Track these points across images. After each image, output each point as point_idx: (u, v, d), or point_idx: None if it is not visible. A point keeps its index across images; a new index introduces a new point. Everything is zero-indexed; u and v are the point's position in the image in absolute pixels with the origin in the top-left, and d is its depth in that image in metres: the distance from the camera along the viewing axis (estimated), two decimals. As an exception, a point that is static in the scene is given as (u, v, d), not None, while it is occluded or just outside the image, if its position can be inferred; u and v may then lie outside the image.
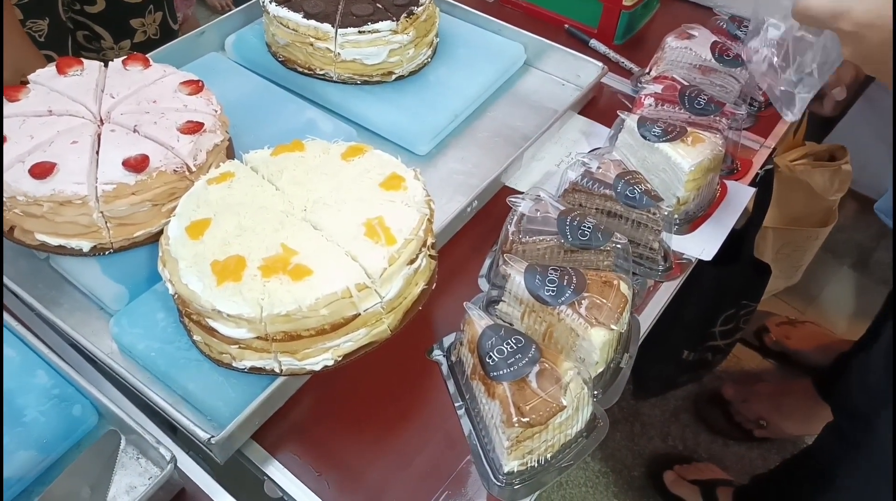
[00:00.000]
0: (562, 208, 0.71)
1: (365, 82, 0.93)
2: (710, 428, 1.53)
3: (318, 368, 0.59)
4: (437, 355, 0.69)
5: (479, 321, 0.62)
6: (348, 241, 0.59)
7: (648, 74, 0.95)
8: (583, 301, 0.63)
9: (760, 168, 0.91)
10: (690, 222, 0.81)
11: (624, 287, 0.65)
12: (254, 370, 0.60)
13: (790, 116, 0.73)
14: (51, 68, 0.76)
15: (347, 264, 0.57)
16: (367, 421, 0.66)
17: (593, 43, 1.08)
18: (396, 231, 0.60)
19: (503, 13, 1.15)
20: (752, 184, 0.88)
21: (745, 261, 1.08)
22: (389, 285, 0.59)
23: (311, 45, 0.90)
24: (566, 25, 1.11)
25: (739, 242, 1.05)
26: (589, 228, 0.69)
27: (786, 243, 1.59)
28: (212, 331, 0.58)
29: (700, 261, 0.79)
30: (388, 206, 0.63)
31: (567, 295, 0.63)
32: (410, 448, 0.64)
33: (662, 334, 1.17)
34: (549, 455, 0.60)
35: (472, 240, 0.81)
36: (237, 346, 0.58)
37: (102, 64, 0.78)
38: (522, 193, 0.74)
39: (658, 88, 0.86)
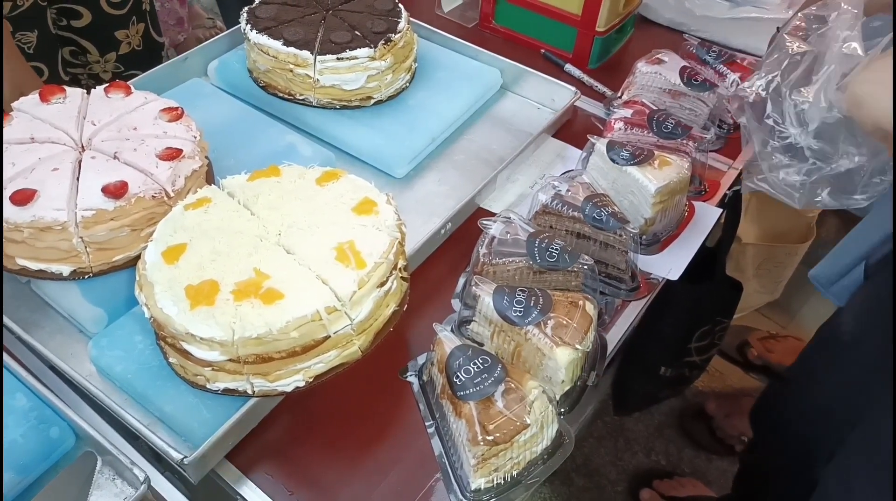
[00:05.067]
0: (531, 230, 0.73)
1: (344, 107, 0.95)
2: (694, 443, 1.54)
3: (289, 389, 0.61)
4: (410, 375, 0.71)
5: (447, 341, 0.64)
6: (319, 265, 0.61)
7: (620, 98, 0.97)
8: (549, 321, 0.65)
9: (728, 189, 0.93)
10: (659, 242, 0.83)
11: (589, 307, 0.67)
12: (227, 392, 0.61)
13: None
14: (34, 96, 0.78)
15: (318, 288, 0.59)
16: (340, 441, 0.67)
17: (568, 67, 1.10)
18: (367, 255, 0.62)
19: (482, 38, 1.17)
20: (720, 204, 0.91)
21: (718, 278, 1.11)
22: (359, 308, 0.61)
23: (291, 71, 0.92)
24: (543, 50, 1.14)
25: (713, 259, 1.08)
26: (557, 249, 0.71)
27: (766, 260, 1.61)
28: (186, 354, 0.59)
29: (676, 279, 0.81)
30: (360, 230, 0.65)
31: (534, 315, 0.65)
32: (382, 466, 0.65)
33: (640, 350, 1.20)
34: (515, 473, 0.62)
35: (447, 260, 0.83)
36: (210, 368, 0.60)
37: (85, 91, 0.79)
38: (497, 214, 0.76)
39: (628, 112, 0.89)
